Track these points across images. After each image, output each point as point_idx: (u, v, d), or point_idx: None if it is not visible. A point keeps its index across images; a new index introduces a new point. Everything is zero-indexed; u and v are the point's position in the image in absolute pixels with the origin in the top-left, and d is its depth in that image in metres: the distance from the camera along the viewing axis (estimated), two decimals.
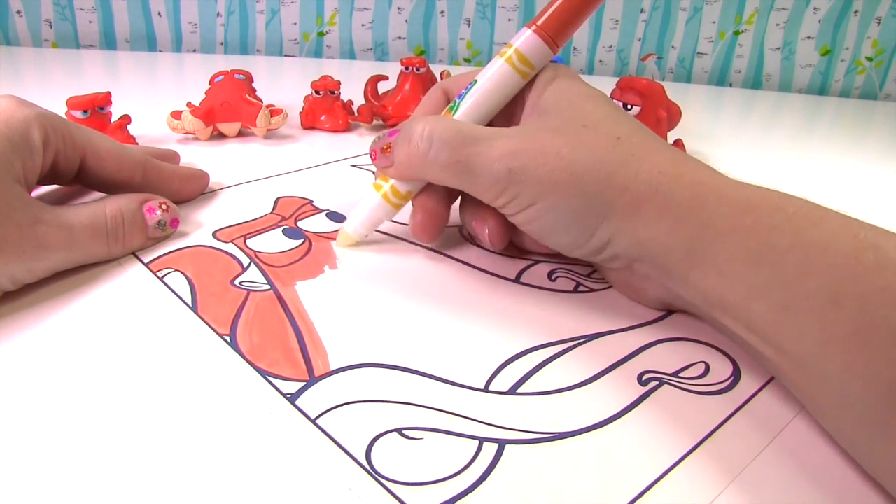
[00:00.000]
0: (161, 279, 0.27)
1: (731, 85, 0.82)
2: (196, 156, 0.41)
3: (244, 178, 0.38)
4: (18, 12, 0.74)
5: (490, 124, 0.28)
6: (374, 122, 0.50)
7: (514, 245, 0.31)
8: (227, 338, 0.23)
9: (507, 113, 0.28)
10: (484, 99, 0.27)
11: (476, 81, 0.28)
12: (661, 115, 0.42)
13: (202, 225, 0.32)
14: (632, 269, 0.25)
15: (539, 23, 0.27)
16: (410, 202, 0.29)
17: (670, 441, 0.20)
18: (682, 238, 0.22)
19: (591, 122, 0.25)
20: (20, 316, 0.24)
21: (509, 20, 0.80)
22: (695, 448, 0.20)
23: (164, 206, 0.29)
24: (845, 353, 0.18)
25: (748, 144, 0.54)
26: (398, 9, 0.79)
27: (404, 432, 0.19)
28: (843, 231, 0.20)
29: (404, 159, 0.26)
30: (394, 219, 0.34)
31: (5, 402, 0.20)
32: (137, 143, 0.41)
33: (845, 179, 0.47)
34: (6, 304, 0.24)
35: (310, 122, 0.49)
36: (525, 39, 0.27)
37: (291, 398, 0.21)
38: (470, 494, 0.18)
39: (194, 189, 0.35)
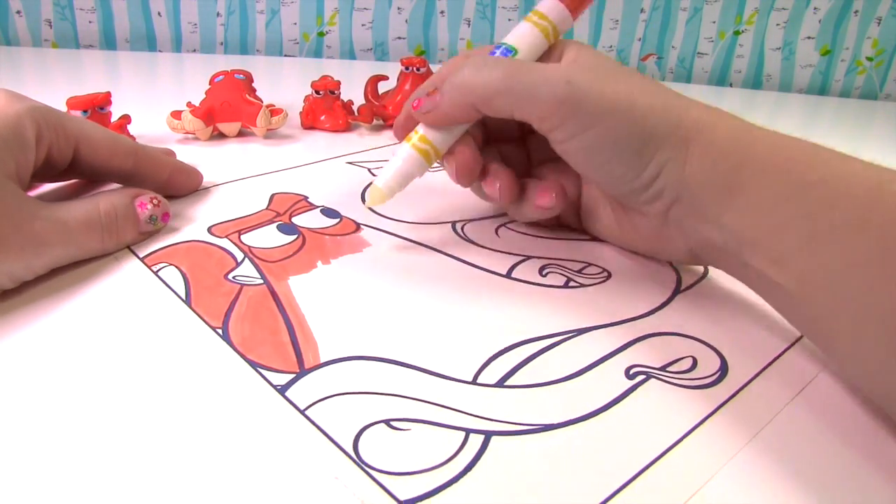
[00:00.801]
0: (156, 273, 0.27)
1: (731, 85, 0.82)
2: (196, 156, 0.41)
3: (240, 175, 0.38)
4: (18, 12, 0.74)
5: None
6: (375, 122, 0.50)
7: (523, 210, 0.30)
8: (220, 331, 0.24)
9: None
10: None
11: (514, 49, 0.28)
12: None
13: (198, 220, 0.32)
14: (667, 216, 0.26)
15: None
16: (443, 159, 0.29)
17: (655, 434, 0.20)
18: (721, 174, 0.23)
19: (635, 74, 0.26)
20: (19, 313, 0.24)
21: (509, 20, 0.80)
22: (680, 441, 0.20)
23: (154, 201, 0.30)
24: (868, 274, 0.19)
25: None
26: (398, 9, 0.79)
27: (392, 423, 0.20)
28: (868, 168, 0.21)
29: (457, 89, 0.26)
30: (392, 215, 0.34)
31: (5, 396, 0.20)
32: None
33: None
34: (4, 303, 0.24)
35: (310, 122, 0.49)
36: (552, 7, 0.28)
37: (281, 389, 0.21)
38: (455, 484, 0.18)
39: (185, 182, 0.35)
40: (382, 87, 0.51)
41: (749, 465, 0.19)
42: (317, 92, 0.48)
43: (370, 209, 0.34)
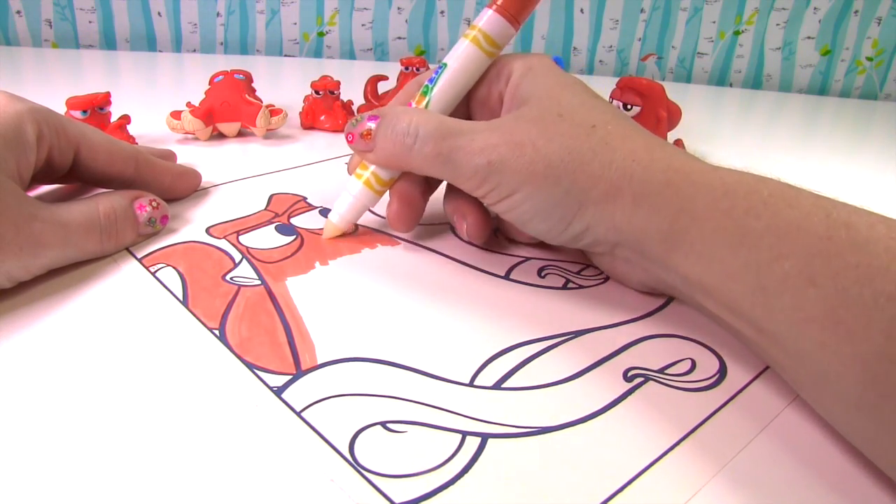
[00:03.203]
0: (153, 274, 0.27)
1: (731, 85, 0.81)
2: (195, 156, 0.41)
3: (239, 176, 0.38)
4: (18, 12, 0.74)
5: (470, 117, 0.30)
6: None
7: (501, 235, 0.32)
8: (217, 332, 0.24)
9: (488, 104, 0.29)
10: (454, 82, 0.28)
11: (445, 64, 0.28)
12: (661, 115, 0.42)
13: (196, 221, 0.32)
14: (613, 254, 0.26)
15: (499, 2, 0.28)
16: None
17: (653, 436, 0.20)
18: (659, 223, 0.23)
19: (567, 111, 0.25)
20: (17, 313, 0.24)
21: None
22: (678, 444, 0.20)
23: (153, 203, 0.30)
24: (821, 331, 0.18)
25: (748, 144, 0.54)
26: (398, 9, 0.79)
27: (388, 425, 0.20)
28: (816, 211, 0.20)
29: (388, 148, 0.27)
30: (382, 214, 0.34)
31: (3, 396, 0.20)
32: (137, 143, 0.41)
33: (845, 179, 0.47)
34: (2, 303, 0.24)
35: (309, 122, 0.49)
36: (488, 19, 0.28)
37: (278, 391, 0.21)
38: (451, 487, 0.18)
39: (186, 186, 0.35)
40: (382, 88, 0.51)
41: (748, 468, 0.19)
42: (316, 92, 0.48)
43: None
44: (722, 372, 0.23)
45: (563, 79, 0.27)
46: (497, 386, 0.22)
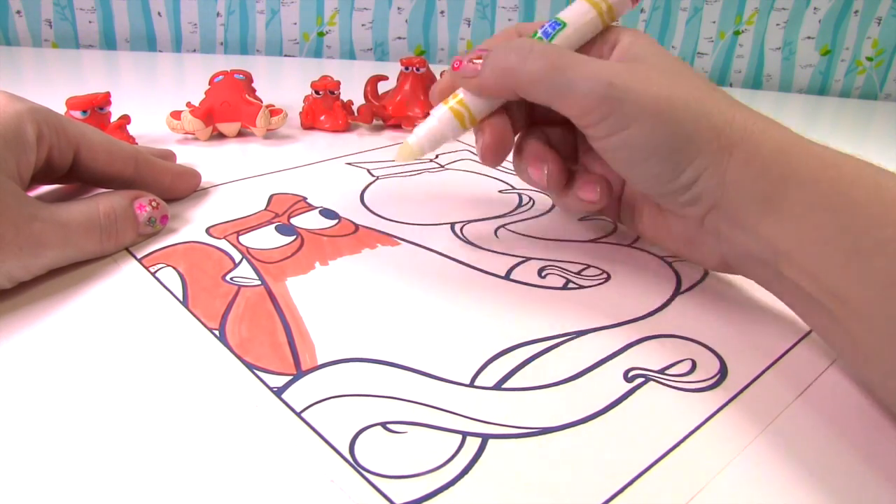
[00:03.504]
0: (153, 274, 0.27)
1: (731, 85, 0.81)
2: (195, 156, 0.41)
3: (240, 176, 0.38)
4: (18, 12, 0.74)
5: None
6: (374, 122, 0.50)
7: (573, 194, 0.29)
8: (217, 332, 0.24)
9: None
10: (570, 41, 0.28)
11: (563, 23, 0.28)
12: None
13: (196, 221, 0.32)
14: (703, 222, 0.25)
15: None
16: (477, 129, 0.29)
17: (654, 437, 0.20)
18: (764, 185, 0.22)
19: (685, 72, 0.25)
20: (18, 313, 0.24)
21: (509, 20, 0.79)
22: (678, 444, 0.20)
23: (153, 203, 0.30)
24: None
25: None
26: (398, 9, 0.79)
27: (388, 426, 0.20)
28: None
29: (499, 66, 0.26)
30: (391, 216, 0.34)
31: (3, 395, 0.20)
32: (137, 143, 0.41)
33: None
34: (2, 303, 0.24)
35: (310, 122, 0.49)
36: None
37: (278, 392, 0.21)
38: (451, 488, 0.18)
39: (186, 186, 0.35)
40: (382, 88, 0.51)
41: (748, 468, 0.19)
42: (317, 92, 0.48)
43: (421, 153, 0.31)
44: (723, 372, 0.23)
45: (671, 55, 0.27)
46: (497, 386, 0.22)
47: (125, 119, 0.42)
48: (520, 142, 0.30)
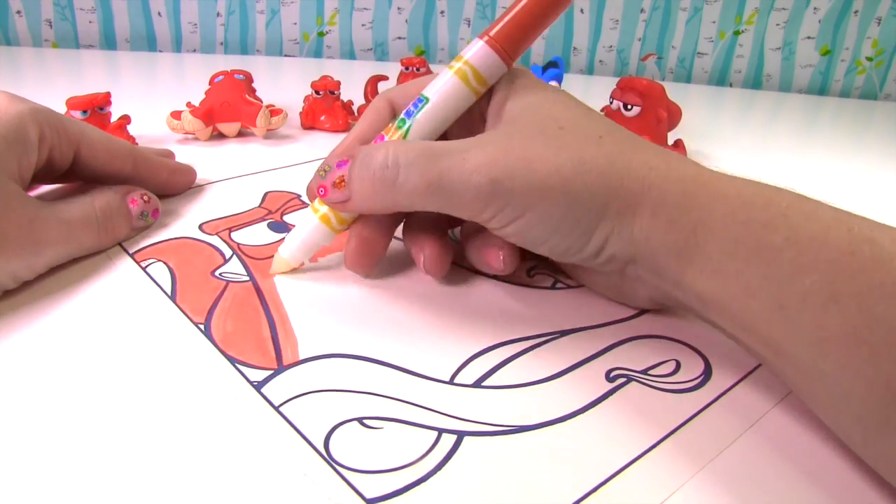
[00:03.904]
0: (144, 269, 0.27)
1: (731, 85, 0.81)
2: (195, 156, 0.41)
3: (236, 174, 0.39)
4: (18, 12, 0.74)
5: (445, 137, 0.26)
6: None
7: (468, 264, 0.28)
8: (202, 326, 0.24)
9: (467, 126, 0.27)
10: (433, 117, 0.25)
11: (425, 98, 0.25)
12: (661, 115, 0.42)
13: (190, 217, 0.32)
14: (623, 273, 0.24)
15: (492, 33, 0.24)
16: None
17: (632, 436, 0.20)
18: (676, 237, 0.21)
19: (568, 123, 0.23)
20: (15, 313, 0.24)
21: None
22: (657, 444, 0.20)
23: (145, 198, 0.30)
24: (843, 351, 0.18)
25: (748, 144, 0.54)
26: (398, 9, 0.79)
27: (364, 421, 0.20)
28: (837, 225, 0.19)
29: (367, 190, 0.24)
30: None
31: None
32: (137, 143, 0.41)
33: (845, 180, 0.47)
34: (2, 303, 0.24)
35: (310, 122, 0.49)
36: (477, 52, 0.25)
37: (258, 386, 0.21)
38: (423, 483, 0.18)
39: (182, 182, 0.35)
40: (382, 88, 0.51)
41: (729, 468, 0.19)
42: (317, 92, 0.48)
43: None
44: (707, 373, 0.23)
45: (553, 93, 0.25)
46: (477, 384, 0.22)
47: (125, 119, 0.42)
48: (404, 225, 0.28)
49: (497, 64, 0.25)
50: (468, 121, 0.26)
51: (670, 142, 0.45)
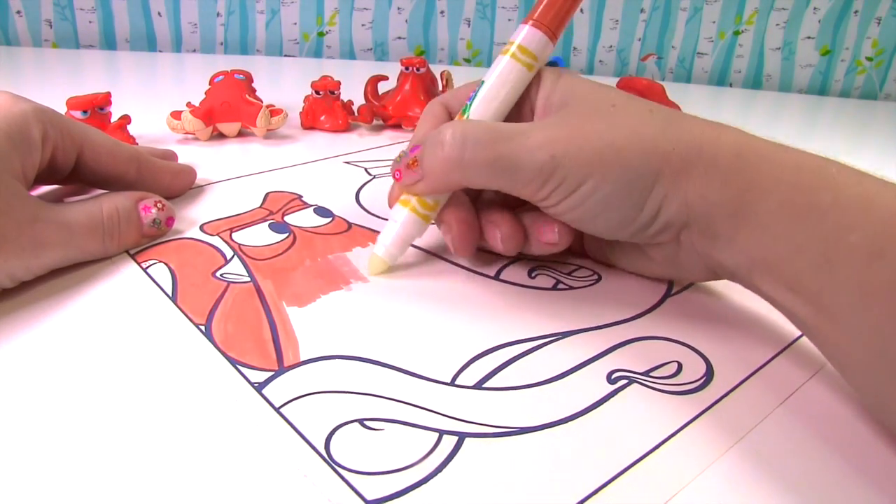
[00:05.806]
0: (145, 270, 0.27)
1: (731, 85, 0.81)
2: (195, 156, 0.41)
3: (236, 174, 0.39)
4: (18, 12, 0.74)
5: None
6: (374, 122, 0.50)
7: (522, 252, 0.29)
8: (203, 327, 0.24)
9: (519, 117, 0.28)
10: (494, 96, 0.27)
11: (483, 82, 0.27)
12: None
13: (191, 218, 0.32)
14: (678, 242, 0.25)
15: (535, 16, 0.27)
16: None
17: (633, 438, 0.20)
18: (729, 196, 0.22)
19: (619, 101, 0.25)
20: (17, 312, 0.24)
21: (509, 20, 0.80)
22: (658, 447, 0.20)
23: (159, 205, 0.29)
24: (885, 305, 0.18)
25: None
26: (398, 9, 0.79)
27: (365, 423, 0.20)
28: (883, 190, 0.20)
29: (438, 166, 0.25)
30: (383, 215, 0.34)
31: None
32: (137, 144, 0.41)
33: None
34: (2, 303, 0.24)
35: (310, 122, 0.49)
36: (525, 34, 0.27)
37: (259, 387, 0.21)
38: (424, 485, 0.18)
39: (183, 184, 0.35)
40: (382, 88, 0.51)
41: (727, 473, 0.19)
42: (317, 92, 0.48)
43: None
44: (708, 375, 0.23)
45: (597, 83, 0.26)
46: (478, 386, 0.22)
47: (125, 119, 0.42)
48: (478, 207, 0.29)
49: (543, 40, 0.27)
50: (519, 117, 0.28)
51: None
